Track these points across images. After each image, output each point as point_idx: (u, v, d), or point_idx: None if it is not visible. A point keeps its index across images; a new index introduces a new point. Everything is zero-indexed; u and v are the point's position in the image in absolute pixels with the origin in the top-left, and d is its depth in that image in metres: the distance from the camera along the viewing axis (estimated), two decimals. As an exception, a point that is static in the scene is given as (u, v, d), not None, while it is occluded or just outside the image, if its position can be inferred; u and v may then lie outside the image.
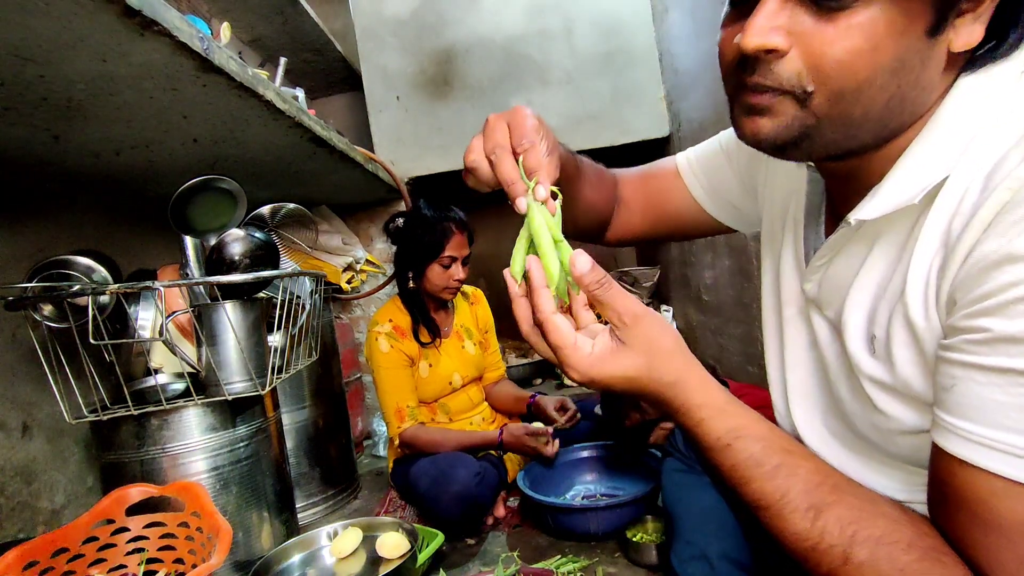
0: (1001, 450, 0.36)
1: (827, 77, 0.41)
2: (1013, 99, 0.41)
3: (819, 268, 0.55)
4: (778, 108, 0.44)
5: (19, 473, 1.12)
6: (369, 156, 1.88)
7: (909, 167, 0.44)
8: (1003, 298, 0.35)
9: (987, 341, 0.37)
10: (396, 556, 1.12)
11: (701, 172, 0.77)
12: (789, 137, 0.44)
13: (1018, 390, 0.35)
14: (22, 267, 1.14)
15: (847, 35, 0.39)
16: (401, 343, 1.54)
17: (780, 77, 0.43)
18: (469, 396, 1.67)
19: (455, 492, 1.28)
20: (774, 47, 0.42)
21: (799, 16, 0.41)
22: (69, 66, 0.78)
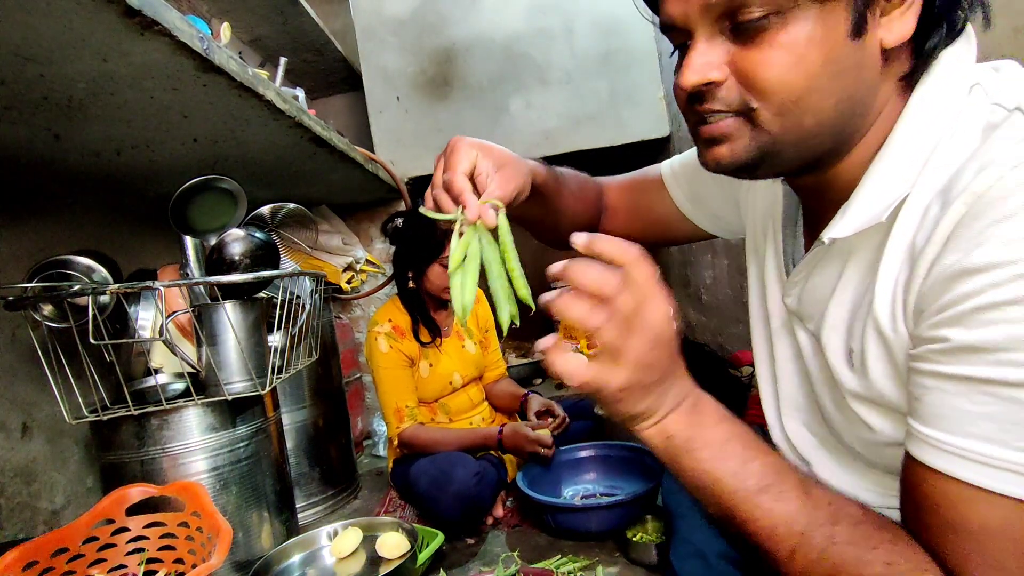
0: (969, 459, 0.37)
1: (766, 94, 0.43)
2: (965, 113, 0.42)
3: (797, 283, 0.56)
4: (733, 133, 0.46)
5: (19, 473, 1.12)
6: (369, 156, 1.88)
7: (874, 185, 0.45)
8: (961, 308, 0.37)
9: (949, 350, 0.38)
10: (396, 556, 1.12)
11: (684, 181, 0.78)
12: (749, 158, 0.47)
13: (982, 398, 0.36)
14: (22, 267, 1.14)
15: (771, 54, 0.42)
16: (401, 343, 1.54)
17: (724, 101, 0.46)
18: (469, 396, 1.67)
19: (455, 492, 1.28)
20: (710, 80, 0.45)
21: (726, 48, 0.45)
22: (70, 66, 0.78)
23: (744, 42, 0.43)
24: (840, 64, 0.42)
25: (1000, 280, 0.35)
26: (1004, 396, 0.36)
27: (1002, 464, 0.36)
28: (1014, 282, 0.34)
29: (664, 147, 2.28)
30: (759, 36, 0.42)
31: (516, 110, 2.23)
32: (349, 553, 1.16)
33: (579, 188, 0.80)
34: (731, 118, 0.46)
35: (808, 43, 0.41)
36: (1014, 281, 0.34)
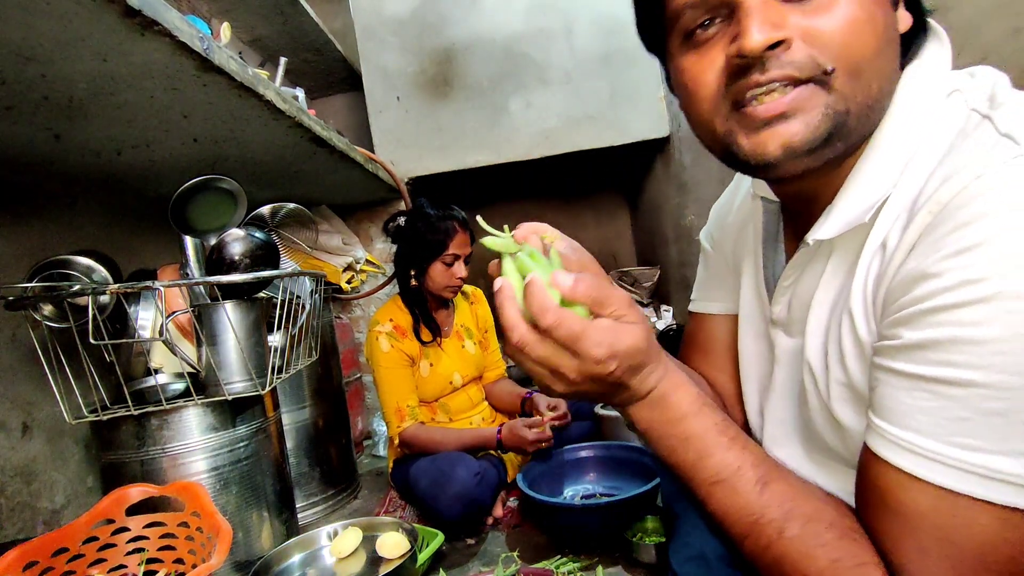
0: (906, 448, 0.39)
1: (841, 52, 0.41)
2: (943, 118, 0.43)
3: (787, 289, 0.56)
4: (805, 103, 0.43)
5: (19, 473, 1.12)
6: (369, 156, 1.88)
7: (857, 187, 0.46)
8: (915, 309, 0.39)
9: (899, 348, 0.40)
10: (396, 556, 1.12)
11: (706, 293, 0.75)
12: (825, 132, 0.43)
13: (921, 394, 0.38)
14: (22, 267, 1.14)
15: (841, 8, 0.41)
16: (402, 343, 1.54)
17: (795, 64, 0.42)
18: (469, 396, 1.67)
19: (455, 492, 1.28)
20: (783, 37, 0.41)
21: (784, 9, 0.42)
22: (70, 65, 0.78)
23: (802, 4, 0.41)
24: (890, 30, 0.43)
25: (950, 285, 0.36)
26: (940, 393, 0.37)
27: (934, 456, 0.38)
28: (962, 287, 0.36)
29: (664, 147, 2.28)
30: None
31: (516, 110, 2.23)
32: (349, 553, 1.16)
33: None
34: (801, 87, 0.42)
35: (871, 2, 0.41)
36: (963, 286, 0.36)
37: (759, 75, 0.43)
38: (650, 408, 0.48)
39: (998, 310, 0.35)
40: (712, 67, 0.46)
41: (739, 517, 0.45)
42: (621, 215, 3.20)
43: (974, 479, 0.37)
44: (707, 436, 0.47)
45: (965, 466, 0.37)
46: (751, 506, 0.45)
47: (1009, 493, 0.36)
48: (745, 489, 0.45)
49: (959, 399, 0.37)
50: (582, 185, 3.09)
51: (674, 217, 2.28)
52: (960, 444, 0.37)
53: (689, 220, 2.11)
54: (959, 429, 0.37)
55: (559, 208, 3.19)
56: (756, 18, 0.41)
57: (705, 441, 0.47)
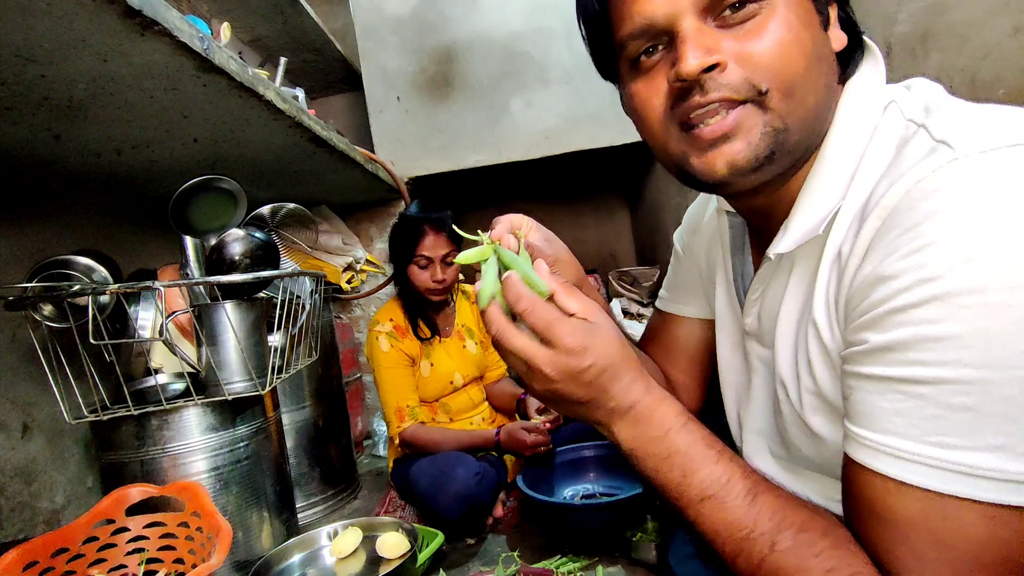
0: (887, 453, 0.39)
1: (773, 73, 0.44)
2: (882, 129, 0.45)
3: (755, 302, 0.58)
4: (744, 122, 0.45)
5: (19, 473, 1.12)
6: (369, 156, 1.88)
7: (809, 200, 0.48)
8: (876, 312, 0.39)
9: (867, 352, 0.40)
10: (396, 556, 1.12)
11: (676, 294, 0.79)
12: (766, 149, 0.46)
13: (894, 396, 0.38)
14: (22, 267, 1.14)
15: (770, 33, 0.44)
16: (402, 342, 1.54)
17: (731, 86, 0.45)
18: (470, 396, 1.67)
19: (455, 492, 1.28)
20: (715, 62, 0.44)
21: (718, 35, 0.45)
22: (70, 66, 0.78)
23: (735, 29, 0.45)
24: (820, 49, 0.45)
25: (907, 285, 0.37)
26: (912, 393, 0.38)
27: (914, 457, 0.38)
28: (919, 286, 0.37)
29: (664, 147, 2.28)
30: (749, 22, 0.44)
31: (516, 110, 2.23)
32: (349, 553, 1.16)
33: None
34: (738, 108, 0.45)
35: (798, 25, 0.44)
36: (919, 285, 0.37)
37: (700, 97, 0.45)
38: (634, 424, 0.47)
39: (954, 306, 0.35)
40: (658, 92, 0.49)
41: (730, 533, 0.44)
42: (621, 215, 3.20)
43: (956, 478, 0.36)
44: (692, 451, 0.46)
45: (945, 465, 0.37)
46: (741, 520, 0.43)
47: (992, 490, 0.35)
48: (735, 503, 0.44)
49: (929, 397, 0.37)
50: (582, 185, 3.09)
51: (674, 217, 2.28)
52: (936, 443, 0.37)
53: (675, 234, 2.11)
54: (934, 428, 0.37)
55: (559, 208, 3.19)
56: (691, 44, 0.44)
57: (690, 456, 0.45)
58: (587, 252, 3.18)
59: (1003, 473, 0.35)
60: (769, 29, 0.44)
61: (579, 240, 3.20)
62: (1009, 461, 0.35)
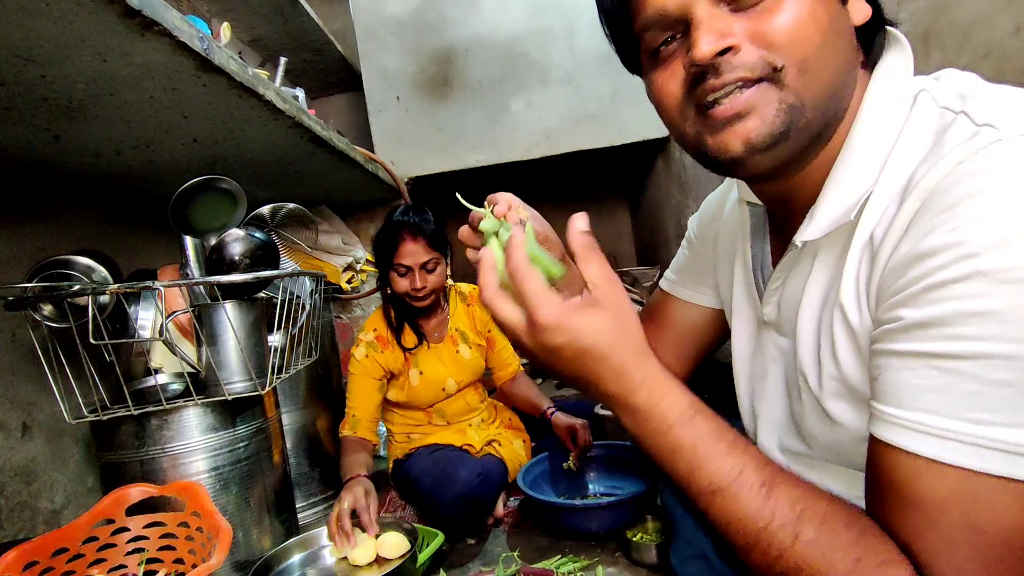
0: (918, 430, 0.38)
1: (789, 49, 0.44)
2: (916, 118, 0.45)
3: (775, 291, 0.58)
4: (758, 101, 0.45)
5: (19, 473, 1.12)
6: (369, 156, 1.87)
7: (839, 186, 0.47)
8: (913, 289, 0.39)
9: (901, 329, 0.40)
10: (396, 556, 1.12)
11: (681, 277, 0.79)
12: (781, 125, 0.45)
13: (929, 372, 0.38)
14: (22, 267, 1.14)
15: (784, 10, 0.44)
16: (381, 354, 1.52)
17: (746, 66, 0.45)
18: (466, 401, 1.65)
19: (457, 492, 1.28)
20: (729, 45, 0.45)
21: (731, 18, 0.45)
22: (70, 66, 0.78)
23: (748, 12, 0.45)
24: (838, 24, 0.45)
25: (946, 262, 0.37)
26: (948, 368, 0.37)
27: (947, 434, 0.37)
28: (959, 262, 0.36)
29: (665, 146, 2.28)
30: (763, 3, 0.44)
31: (517, 110, 2.23)
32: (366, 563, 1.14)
33: None
34: (753, 87, 0.45)
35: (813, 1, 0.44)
36: (959, 262, 0.36)
37: (714, 80, 0.46)
38: (634, 415, 0.46)
39: (996, 281, 0.35)
40: (675, 78, 0.50)
41: (743, 526, 0.42)
42: (622, 215, 3.20)
43: (992, 455, 0.35)
44: (699, 447, 0.44)
45: (983, 442, 0.36)
46: (757, 512, 0.42)
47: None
48: (748, 496, 0.42)
49: (968, 373, 0.36)
50: (583, 185, 3.09)
51: (675, 216, 2.28)
52: (975, 419, 0.36)
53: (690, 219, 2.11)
54: (972, 404, 0.36)
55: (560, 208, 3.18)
56: (704, 29, 0.45)
57: (696, 452, 0.44)
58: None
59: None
60: (783, 7, 0.44)
61: (579, 240, 3.19)
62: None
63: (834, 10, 0.45)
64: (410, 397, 1.56)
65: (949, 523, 0.37)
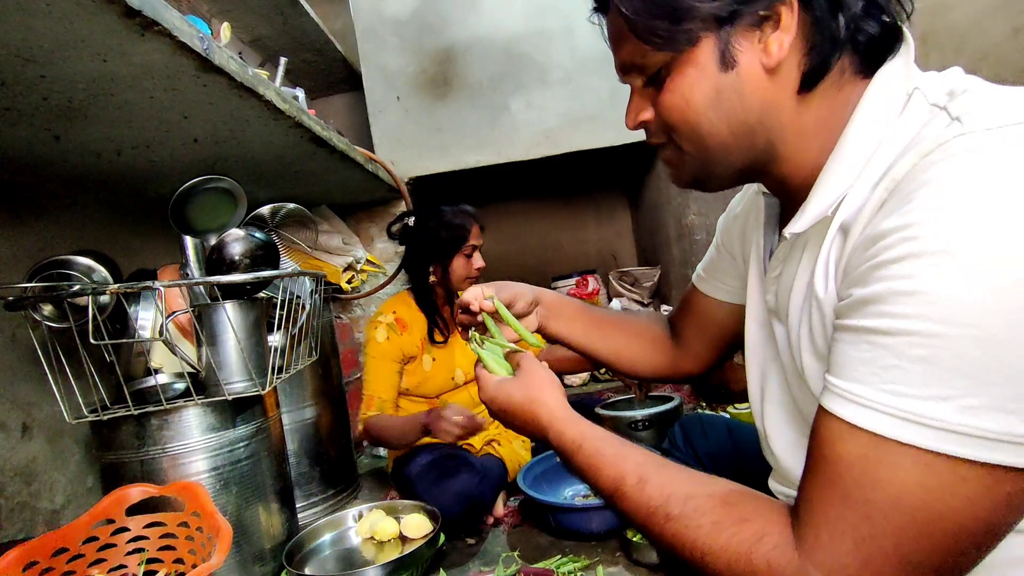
0: (846, 397, 0.41)
1: (676, 126, 0.54)
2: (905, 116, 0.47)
3: (774, 280, 0.61)
4: (672, 159, 0.58)
5: (19, 473, 1.12)
6: (369, 156, 1.88)
7: (826, 184, 0.51)
8: (864, 268, 0.42)
9: (850, 305, 0.43)
10: (420, 536, 1.22)
11: (706, 274, 0.84)
12: (690, 176, 0.58)
13: (863, 346, 0.41)
14: (22, 267, 1.14)
15: (668, 98, 0.53)
16: (400, 337, 1.54)
17: (657, 135, 0.58)
18: (471, 394, 1.67)
19: (457, 492, 1.28)
20: (642, 120, 0.57)
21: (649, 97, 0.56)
22: (70, 66, 0.78)
23: (658, 89, 0.54)
24: (721, 94, 0.51)
25: (891, 243, 0.40)
26: (877, 343, 0.40)
27: (866, 402, 0.40)
28: (900, 244, 0.39)
29: (664, 147, 2.27)
30: (663, 84, 0.53)
31: (516, 110, 2.23)
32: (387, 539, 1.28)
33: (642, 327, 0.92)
34: (668, 148, 0.57)
35: (689, 85, 0.51)
36: (900, 243, 0.39)
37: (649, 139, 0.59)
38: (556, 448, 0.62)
39: (927, 263, 0.37)
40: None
41: (635, 516, 0.52)
42: (622, 215, 3.20)
43: (900, 423, 0.38)
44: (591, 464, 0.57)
45: (892, 411, 0.39)
46: (639, 504, 0.51)
47: (930, 437, 0.37)
48: (631, 493, 0.52)
49: (890, 347, 0.39)
50: (583, 185, 3.09)
51: (676, 216, 2.28)
52: (890, 391, 0.39)
53: (691, 219, 2.11)
54: (890, 376, 0.39)
55: (560, 208, 3.19)
56: (631, 106, 0.58)
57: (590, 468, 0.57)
58: (587, 252, 3.18)
59: (943, 423, 0.37)
60: (669, 92, 0.53)
61: (579, 240, 3.20)
62: (951, 412, 0.37)
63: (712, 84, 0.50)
64: (422, 382, 1.57)
65: (851, 480, 0.41)
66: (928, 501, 0.38)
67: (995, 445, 0.36)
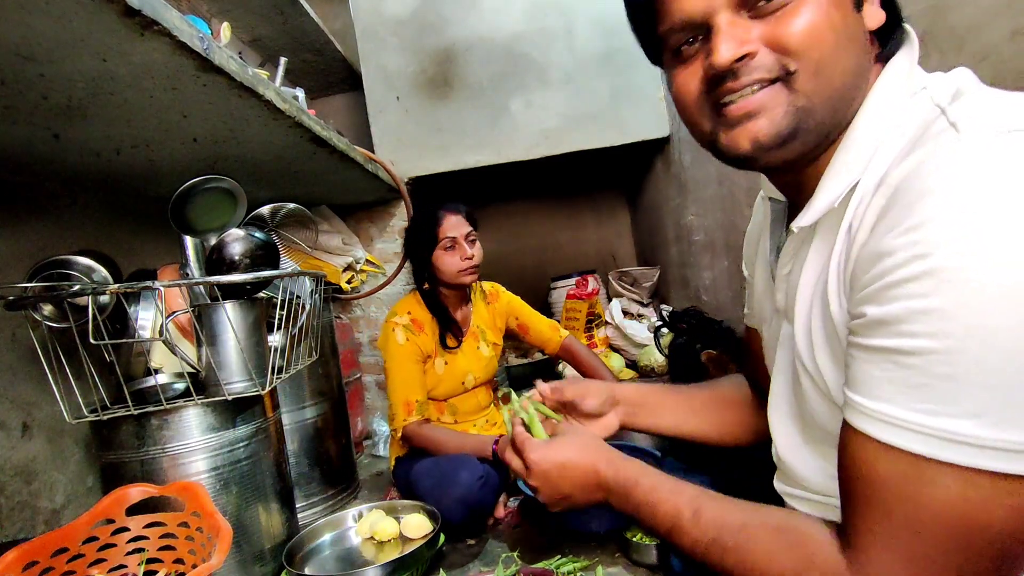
0: (875, 417, 0.42)
1: (803, 53, 0.47)
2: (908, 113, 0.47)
3: (784, 279, 0.61)
4: (770, 102, 0.49)
5: (19, 473, 1.12)
6: (369, 156, 1.87)
7: (831, 177, 0.50)
8: (875, 287, 0.42)
9: (866, 324, 0.43)
10: (420, 536, 1.22)
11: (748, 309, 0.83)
12: (788, 125, 0.49)
13: (887, 365, 0.41)
14: (22, 267, 1.14)
15: (801, 16, 0.47)
16: (418, 337, 1.53)
17: (763, 68, 0.48)
18: (478, 399, 1.66)
19: (458, 495, 1.28)
20: (747, 51, 0.48)
21: (750, 25, 0.49)
22: (69, 65, 0.78)
23: (766, 19, 0.48)
24: (851, 29, 0.48)
25: (901, 261, 0.40)
26: (901, 363, 0.40)
27: (900, 423, 0.40)
28: (912, 262, 0.39)
29: (664, 147, 2.28)
30: (781, 10, 0.47)
31: (516, 110, 2.23)
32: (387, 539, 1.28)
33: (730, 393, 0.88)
34: (766, 88, 0.49)
35: (829, 7, 0.47)
36: (912, 262, 0.39)
37: (732, 83, 0.50)
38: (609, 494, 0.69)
39: (941, 281, 0.38)
40: (695, 78, 0.53)
41: (696, 550, 0.54)
42: (621, 215, 3.20)
43: (936, 442, 0.39)
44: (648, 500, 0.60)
45: (927, 430, 0.39)
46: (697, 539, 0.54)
47: (968, 455, 0.38)
48: (688, 527, 0.55)
49: (916, 367, 0.39)
50: (582, 185, 3.09)
51: (674, 217, 2.28)
52: (922, 410, 0.39)
53: (689, 220, 2.11)
54: (920, 395, 0.40)
55: (559, 208, 3.19)
56: (724, 36, 0.49)
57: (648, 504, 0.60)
58: (587, 252, 3.18)
59: (978, 439, 0.37)
60: (800, 13, 0.47)
61: (579, 240, 3.20)
62: (984, 428, 0.37)
63: (848, 16, 0.48)
64: (434, 385, 1.57)
65: (893, 499, 0.41)
66: (971, 514, 0.38)
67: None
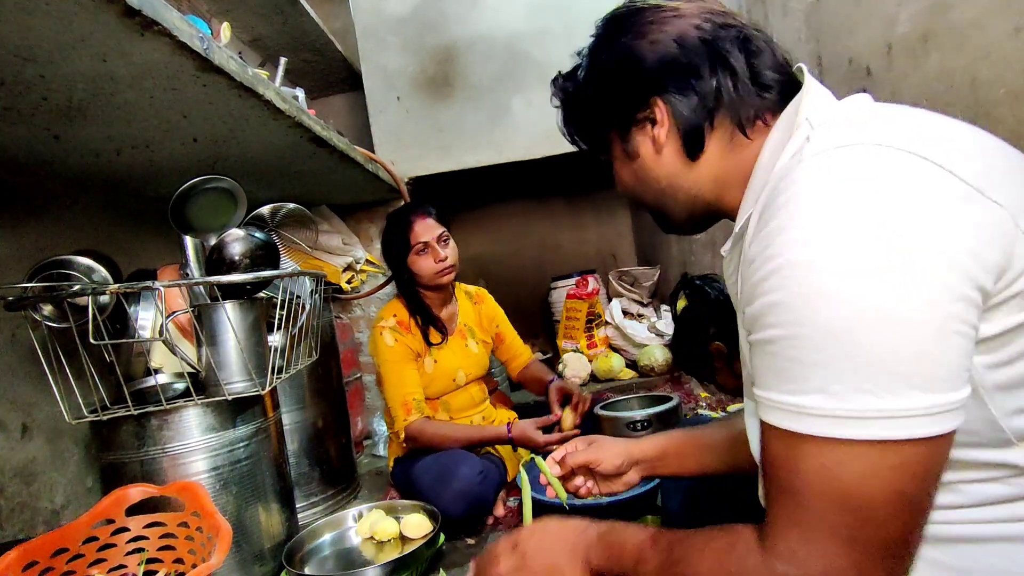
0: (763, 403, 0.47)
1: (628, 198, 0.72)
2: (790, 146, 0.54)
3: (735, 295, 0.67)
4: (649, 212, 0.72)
5: (19, 473, 1.12)
6: (369, 156, 1.87)
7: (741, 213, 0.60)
8: (747, 290, 0.48)
9: (747, 322, 0.49)
10: (419, 536, 1.22)
11: None
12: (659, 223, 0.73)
13: (762, 356, 0.47)
14: (22, 267, 1.14)
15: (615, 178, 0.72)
16: (406, 337, 1.54)
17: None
18: (471, 395, 1.67)
19: (458, 490, 1.28)
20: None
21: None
22: (69, 66, 0.78)
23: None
24: (636, 175, 0.68)
25: (758, 264, 0.46)
26: (768, 352, 0.46)
27: (773, 404, 0.46)
28: (765, 264, 0.45)
29: (664, 147, 2.27)
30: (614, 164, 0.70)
31: (517, 109, 2.23)
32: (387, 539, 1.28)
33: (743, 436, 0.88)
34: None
35: (618, 171, 0.70)
36: (765, 264, 0.45)
37: None
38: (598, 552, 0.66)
39: (781, 277, 0.44)
40: None
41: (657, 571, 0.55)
42: (622, 214, 3.20)
43: (792, 416, 0.44)
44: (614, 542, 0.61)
45: (791, 407, 0.44)
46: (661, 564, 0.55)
47: (819, 425, 0.42)
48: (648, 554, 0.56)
49: (777, 353, 0.45)
50: (583, 184, 3.09)
51: (674, 217, 2.28)
52: (786, 390, 0.45)
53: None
54: (782, 378, 0.45)
55: (560, 207, 3.19)
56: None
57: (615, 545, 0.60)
58: (587, 252, 3.18)
59: (820, 410, 0.42)
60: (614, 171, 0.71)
61: (579, 240, 3.20)
62: (830, 400, 0.42)
63: (630, 167, 0.68)
64: (425, 384, 1.57)
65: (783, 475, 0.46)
66: (829, 480, 0.42)
67: (864, 423, 0.41)
